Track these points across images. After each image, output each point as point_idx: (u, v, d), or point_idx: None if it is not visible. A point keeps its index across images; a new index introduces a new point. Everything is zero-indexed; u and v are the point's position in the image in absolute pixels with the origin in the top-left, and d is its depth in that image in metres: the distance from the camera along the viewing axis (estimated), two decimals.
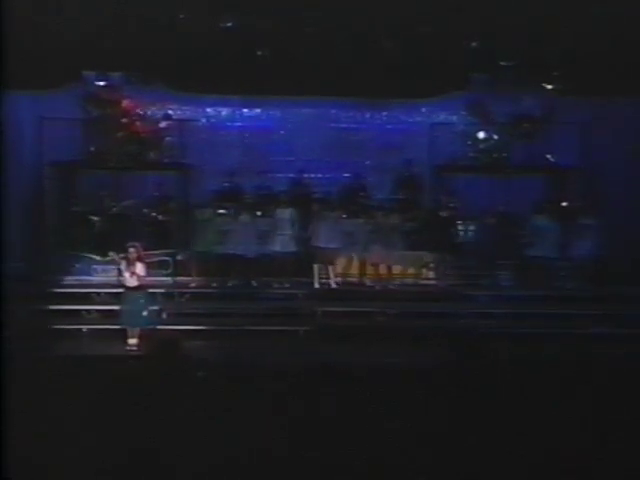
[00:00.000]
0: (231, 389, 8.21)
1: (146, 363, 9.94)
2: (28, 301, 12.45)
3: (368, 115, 17.26)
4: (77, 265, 14.59)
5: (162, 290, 13.60)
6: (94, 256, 14.62)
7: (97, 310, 13.17)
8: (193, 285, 14.47)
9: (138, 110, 15.99)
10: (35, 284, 13.63)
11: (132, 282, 11.44)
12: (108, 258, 13.57)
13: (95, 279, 14.32)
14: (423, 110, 16.98)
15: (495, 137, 16.14)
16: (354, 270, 14.65)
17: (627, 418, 7.65)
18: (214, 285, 14.37)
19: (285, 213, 14.58)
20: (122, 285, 11.69)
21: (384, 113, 17.21)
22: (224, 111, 17.22)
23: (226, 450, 6.58)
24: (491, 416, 7.83)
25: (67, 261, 14.61)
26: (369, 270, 14.59)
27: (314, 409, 7.78)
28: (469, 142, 16.15)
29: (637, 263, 13.99)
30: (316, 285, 14.20)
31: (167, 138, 16.00)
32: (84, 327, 12.57)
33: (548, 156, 15.95)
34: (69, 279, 14.29)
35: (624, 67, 13.86)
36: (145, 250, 12.17)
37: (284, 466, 6.42)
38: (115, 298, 13.25)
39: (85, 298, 13.53)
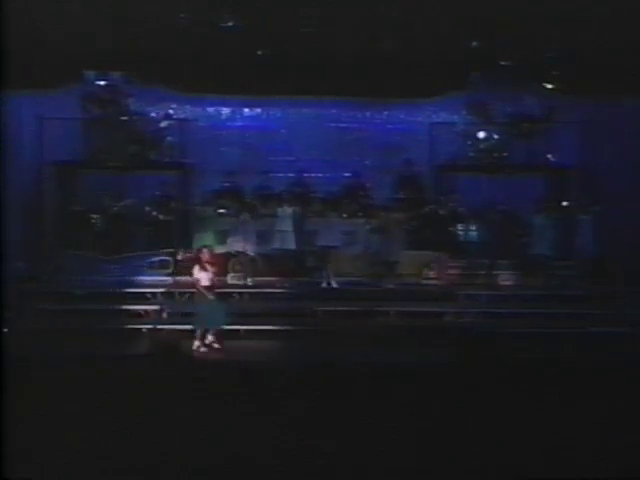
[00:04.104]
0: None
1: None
2: (26, 301, 12.51)
3: (368, 115, 17.26)
4: (76, 265, 14.57)
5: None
6: (93, 256, 14.64)
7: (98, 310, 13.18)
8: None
9: (138, 110, 16.00)
10: (35, 284, 13.69)
11: (205, 283, 11.40)
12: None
13: (96, 279, 14.33)
14: (423, 110, 16.98)
15: (495, 137, 16.14)
16: (354, 269, 14.65)
17: (628, 415, 7.69)
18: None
19: (285, 212, 14.56)
20: (194, 286, 11.61)
21: (384, 113, 17.21)
22: (224, 111, 17.23)
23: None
24: (490, 414, 7.86)
25: (66, 261, 14.60)
26: (369, 269, 14.59)
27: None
28: (469, 142, 16.16)
29: (636, 262, 14.00)
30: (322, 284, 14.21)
31: (167, 138, 16.01)
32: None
33: (548, 156, 15.95)
34: (70, 279, 14.28)
35: (624, 67, 13.86)
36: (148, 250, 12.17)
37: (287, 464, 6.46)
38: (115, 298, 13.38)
39: (86, 297, 13.53)
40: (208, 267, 11.46)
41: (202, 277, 11.42)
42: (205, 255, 11.56)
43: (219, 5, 13.26)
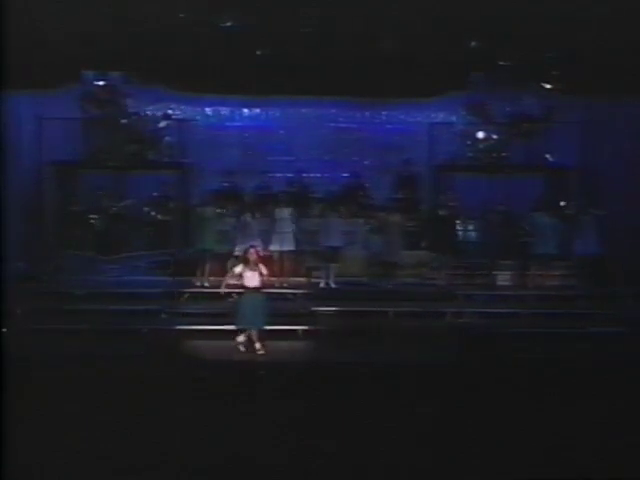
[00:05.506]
0: None
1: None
2: (26, 300, 12.51)
3: (368, 115, 17.26)
4: (76, 265, 14.57)
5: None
6: (93, 256, 14.65)
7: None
8: None
9: (137, 110, 16.00)
10: (35, 284, 13.69)
11: (253, 283, 11.22)
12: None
13: (95, 278, 14.33)
14: (423, 110, 16.98)
15: (495, 137, 16.14)
16: (353, 270, 14.65)
17: (628, 415, 7.70)
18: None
19: (283, 213, 14.53)
20: (242, 286, 11.37)
21: (384, 113, 17.22)
22: (223, 111, 17.23)
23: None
24: (490, 414, 7.87)
25: (66, 261, 14.60)
26: (368, 269, 14.59)
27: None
28: (468, 142, 16.17)
29: (636, 262, 14.00)
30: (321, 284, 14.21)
31: (167, 138, 16.01)
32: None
33: (547, 156, 15.96)
34: (70, 279, 14.27)
35: (624, 67, 13.87)
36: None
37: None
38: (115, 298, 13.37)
39: (86, 297, 13.53)
40: (258, 267, 11.23)
41: (248, 277, 11.19)
42: (252, 255, 11.37)
43: (219, 5, 13.26)
